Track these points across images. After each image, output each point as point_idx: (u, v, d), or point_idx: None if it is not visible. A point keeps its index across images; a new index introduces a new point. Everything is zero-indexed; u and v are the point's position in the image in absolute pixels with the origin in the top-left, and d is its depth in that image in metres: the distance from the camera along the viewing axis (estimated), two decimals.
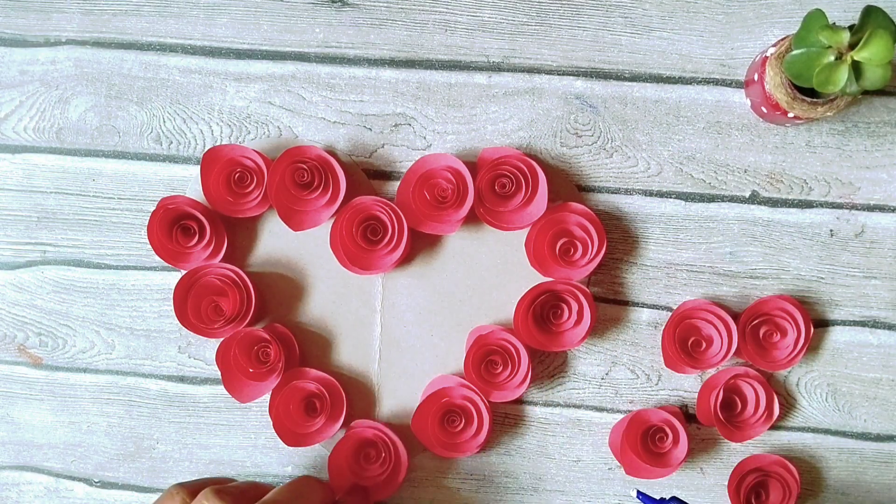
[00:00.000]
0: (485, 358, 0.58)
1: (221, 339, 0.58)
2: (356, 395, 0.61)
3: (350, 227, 0.58)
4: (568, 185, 0.59)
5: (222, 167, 0.58)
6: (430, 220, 0.58)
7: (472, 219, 0.58)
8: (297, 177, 0.57)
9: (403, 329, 0.60)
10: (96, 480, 0.63)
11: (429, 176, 0.57)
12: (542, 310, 0.58)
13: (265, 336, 0.58)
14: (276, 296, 0.61)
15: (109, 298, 0.62)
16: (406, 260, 0.60)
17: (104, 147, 0.61)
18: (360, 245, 0.58)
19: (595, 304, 0.58)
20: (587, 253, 0.57)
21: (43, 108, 0.61)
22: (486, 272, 0.60)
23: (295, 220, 0.58)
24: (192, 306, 0.58)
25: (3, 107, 0.62)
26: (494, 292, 0.60)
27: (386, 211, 0.57)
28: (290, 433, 0.58)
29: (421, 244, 0.60)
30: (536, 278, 0.58)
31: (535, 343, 0.58)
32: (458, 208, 0.57)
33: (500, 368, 0.58)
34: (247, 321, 0.58)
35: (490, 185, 0.57)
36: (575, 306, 0.57)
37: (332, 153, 0.59)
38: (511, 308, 0.58)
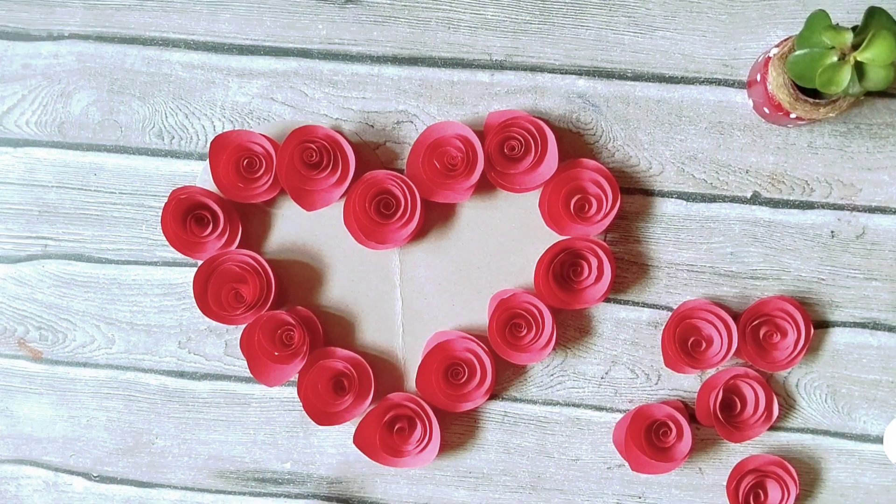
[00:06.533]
0: (508, 322, 0.58)
1: (243, 326, 0.59)
2: (383, 371, 0.61)
3: (363, 202, 0.57)
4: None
5: (231, 153, 0.58)
6: (441, 188, 0.58)
7: (484, 185, 0.58)
8: (306, 157, 0.57)
9: (424, 301, 0.60)
10: (95, 475, 0.63)
11: (437, 145, 0.57)
12: (561, 268, 0.58)
13: (288, 319, 0.58)
14: (295, 280, 0.61)
15: (110, 293, 0.62)
16: (421, 232, 0.60)
17: (106, 141, 0.61)
18: (374, 220, 0.58)
19: (614, 258, 0.58)
20: (602, 208, 0.57)
21: (45, 102, 0.61)
22: (503, 237, 0.60)
23: (307, 200, 0.58)
24: (213, 294, 0.58)
25: (5, 100, 0.62)
26: (512, 256, 0.60)
27: (398, 184, 0.57)
28: (321, 413, 0.58)
29: (435, 215, 0.60)
30: (553, 238, 0.58)
31: (557, 302, 0.57)
32: (469, 175, 0.57)
33: (525, 331, 0.58)
34: (268, 306, 0.58)
35: (499, 149, 0.57)
36: (594, 262, 0.57)
37: (340, 131, 0.59)
38: (530, 271, 0.58)
